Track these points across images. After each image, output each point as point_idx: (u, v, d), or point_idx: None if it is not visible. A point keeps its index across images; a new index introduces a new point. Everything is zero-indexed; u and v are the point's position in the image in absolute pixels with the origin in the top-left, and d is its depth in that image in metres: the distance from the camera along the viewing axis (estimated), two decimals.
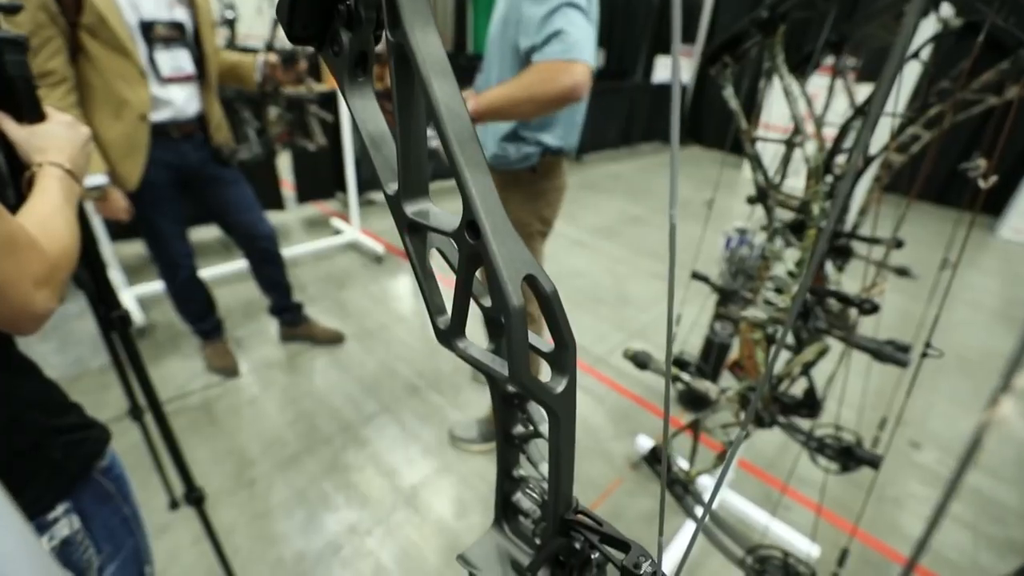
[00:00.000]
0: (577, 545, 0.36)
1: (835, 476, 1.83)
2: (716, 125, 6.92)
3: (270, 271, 2.14)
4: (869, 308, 0.72)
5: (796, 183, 0.90)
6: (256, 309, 2.59)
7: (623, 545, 0.33)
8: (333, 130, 3.28)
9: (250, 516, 1.59)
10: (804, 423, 1.21)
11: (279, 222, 3.59)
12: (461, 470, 1.80)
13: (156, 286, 2.53)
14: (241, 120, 2.41)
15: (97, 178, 1.55)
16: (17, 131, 0.62)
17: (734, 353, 1.55)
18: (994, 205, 4.60)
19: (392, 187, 0.29)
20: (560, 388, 0.29)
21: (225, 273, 2.79)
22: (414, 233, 0.30)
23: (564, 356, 0.28)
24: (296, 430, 1.91)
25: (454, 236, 0.27)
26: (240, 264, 2.81)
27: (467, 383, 2.21)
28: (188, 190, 1.85)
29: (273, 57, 1.82)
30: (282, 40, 1.93)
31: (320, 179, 3.77)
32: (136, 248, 3.00)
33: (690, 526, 1.59)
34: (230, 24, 2.21)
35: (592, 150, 6.13)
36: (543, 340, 0.30)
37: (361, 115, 0.29)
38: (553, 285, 0.26)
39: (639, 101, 6.42)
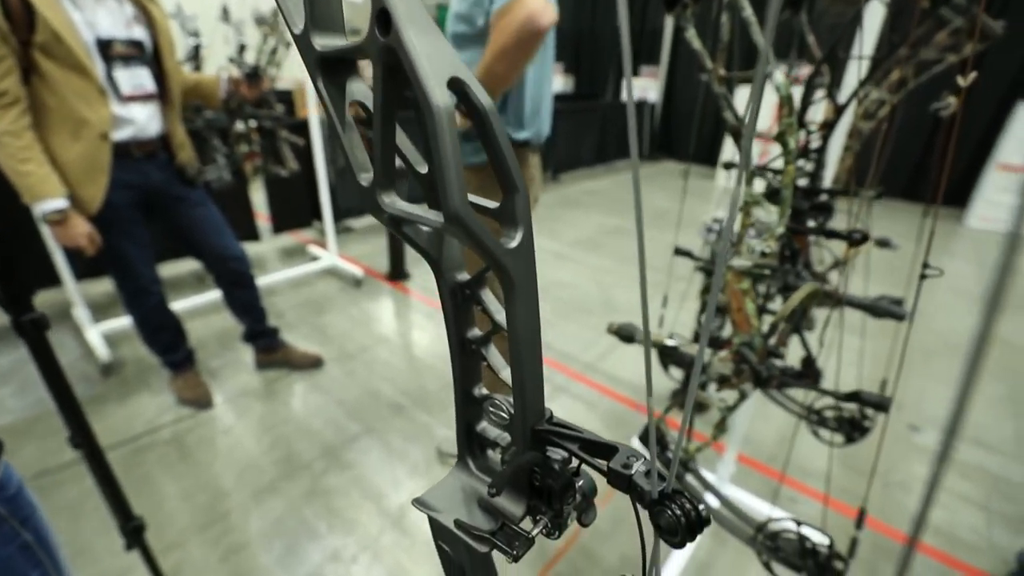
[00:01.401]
0: (556, 465, 0.30)
1: (838, 467, 1.77)
2: (685, 137, 7.11)
3: (242, 294, 2.06)
4: (859, 238, 0.69)
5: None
6: (230, 339, 2.50)
7: (608, 450, 0.28)
8: (306, 157, 3.26)
9: (224, 551, 1.47)
10: (804, 398, 1.17)
11: (254, 253, 3.52)
12: None
13: (124, 321, 2.43)
14: (210, 147, 2.38)
15: (56, 202, 1.49)
16: None
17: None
18: (959, 197, 4.74)
19: (299, 26, 0.25)
20: (514, 242, 0.24)
21: (198, 305, 2.70)
22: (327, 74, 0.25)
23: (514, 204, 0.24)
24: (273, 457, 1.80)
25: (365, 46, 0.22)
26: (213, 295, 2.73)
27: (453, 402, 2.13)
28: (153, 213, 1.79)
29: (236, 73, 1.80)
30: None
31: (295, 208, 3.72)
32: (103, 286, 2.90)
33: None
34: (195, 51, 2.20)
35: (568, 169, 6.22)
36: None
37: None
38: (490, 100, 0.22)
39: (611, 119, 6.57)
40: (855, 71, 0.86)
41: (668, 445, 1.02)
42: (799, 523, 0.84)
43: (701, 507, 0.24)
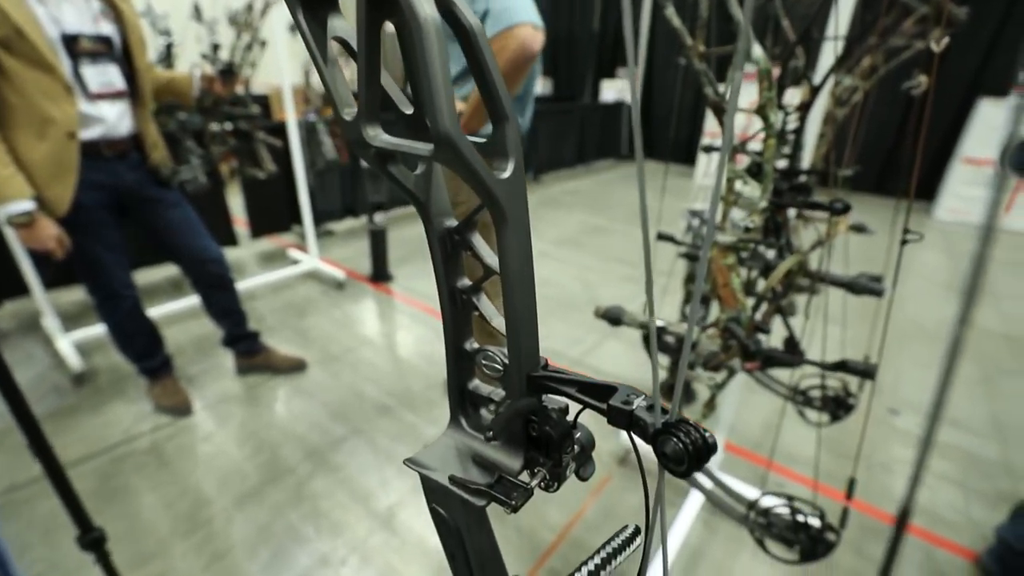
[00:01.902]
0: (553, 414, 0.30)
1: (823, 453, 1.80)
2: (663, 139, 7.22)
3: (221, 297, 2.01)
4: (840, 208, 0.70)
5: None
6: (209, 345, 2.44)
7: (606, 390, 0.27)
8: (284, 161, 3.21)
9: (207, 559, 1.43)
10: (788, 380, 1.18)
11: (233, 258, 3.44)
12: None
13: (97, 330, 2.35)
14: (184, 148, 2.33)
15: (22, 204, 1.43)
16: None
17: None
18: (927, 191, 4.90)
19: None
20: (506, 173, 0.23)
21: (175, 311, 2.63)
22: (308, 8, 0.25)
23: (504, 134, 0.23)
24: (257, 463, 1.76)
25: None
26: (190, 301, 2.66)
27: (440, 398, 2.11)
28: (127, 215, 1.74)
29: (210, 70, 1.76)
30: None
31: (274, 212, 3.66)
32: (73, 295, 2.81)
33: (694, 496, 1.52)
34: (167, 50, 2.15)
35: (549, 169, 6.25)
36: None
37: None
38: (476, 19, 0.21)
39: (590, 121, 6.63)
40: (829, 53, 0.88)
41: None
42: (790, 498, 0.85)
43: (707, 434, 0.24)
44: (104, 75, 1.51)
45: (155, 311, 2.45)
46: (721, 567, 1.43)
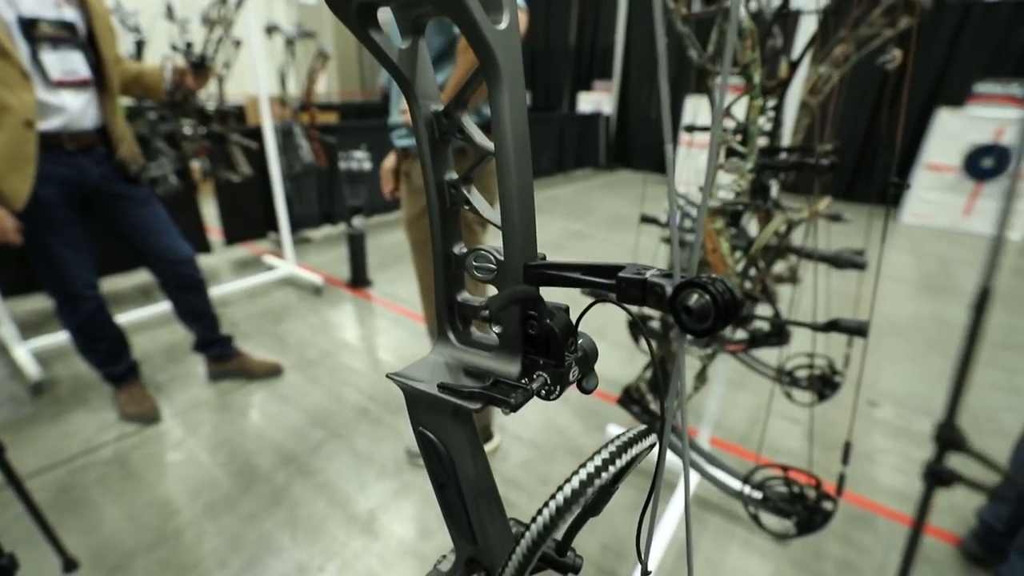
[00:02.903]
0: (554, 309, 0.27)
1: (808, 445, 1.81)
2: (640, 149, 7.35)
3: (191, 299, 1.94)
4: (826, 166, 0.70)
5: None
6: (180, 352, 2.34)
7: (613, 269, 0.25)
8: (260, 164, 3.15)
9: (175, 571, 1.34)
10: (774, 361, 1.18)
11: (206, 265, 3.33)
12: (423, 487, 1.63)
13: (57, 338, 2.24)
14: (154, 149, 2.25)
15: None
16: None
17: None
18: (892, 198, 5.08)
19: None
20: (503, 24, 0.21)
21: (143, 318, 2.52)
22: None
23: None
24: (229, 471, 1.68)
25: None
26: (159, 308, 2.56)
27: None
28: (92, 212, 1.66)
29: (180, 62, 1.71)
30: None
31: (249, 218, 3.58)
32: (32, 303, 2.67)
33: (682, 491, 1.50)
34: (137, 47, 2.09)
35: None
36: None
37: None
38: None
39: (568, 130, 6.71)
40: (807, 30, 0.90)
41: (650, 406, 1.00)
42: (785, 469, 0.83)
43: (731, 286, 0.21)
44: (67, 62, 1.45)
45: (123, 318, 2.34)
46: (711, 559, 1.41)
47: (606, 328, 2.70)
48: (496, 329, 0.30)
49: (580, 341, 0.29)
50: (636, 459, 0.27)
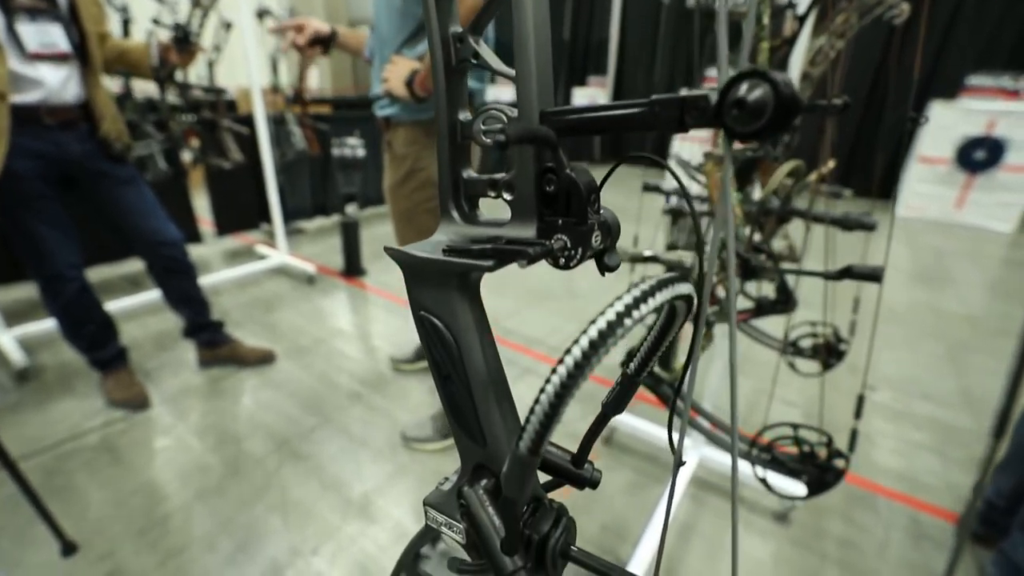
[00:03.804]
0: (575, 165, 0.25)
1: (820, 402, 1.79)
2: (636, 139, 7.34)
3: (179, 283, 1.89)
4: (839, 106, 0.68)
5: None
6: (169, 340, 2.30)
7: (645, 104, 0.23)
8: (252, 153, 3.10)
9: (163, 555, 1.30)
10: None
11: (196, 255, 3.29)
12: (418, 471, 1.60)
13: (43, 325, 2.19)
14: (143, 132, 2.21)
15: None
16: None
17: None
18: (886, 191, 5.12)
19: None
20: None
21: (132, 306, 2.48)
22: None
23: None
24: (220, 456, 1.64)
25: None
26: (148, 296, 2.52)
27: (415, 385, 2.03)
28: (75, 191, 1.62)
29: (164, 37, 1.67)
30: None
31: (241, 209, 3.53)
32: (18, 291, 2.62)
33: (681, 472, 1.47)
34: (124, 26, 2.05)
35: None
36: None
37: None
38: None
39: None
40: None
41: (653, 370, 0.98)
42: (796, 426, 0.81)
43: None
44: (45, 35, 1.40)
45: (111, 306, 2.29)
46: (712, 541, 1.39)
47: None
48: (507, 196, 0.27)
49: (603, 212, 0.26)
50: (671, 325, 0.24)
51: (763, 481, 0.83)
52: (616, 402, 0.30)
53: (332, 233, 3.85)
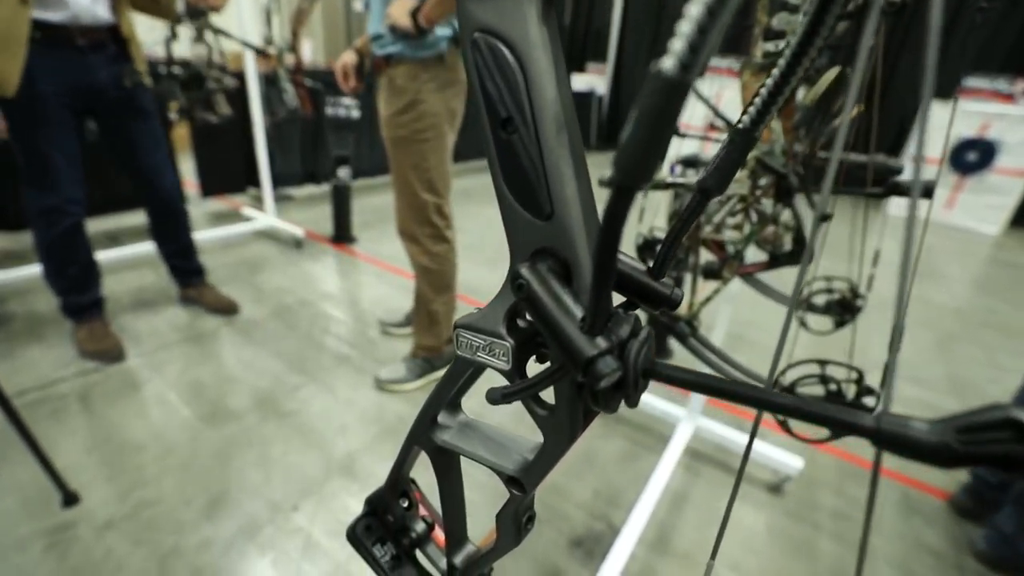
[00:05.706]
0: None
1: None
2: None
3: (172, 226, 1.87)
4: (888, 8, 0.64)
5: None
6: (149, 295, 2.21)
7: None
8: (242, 111, 2.98)
9: (134, 505, 1.24)
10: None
11: None
12: (406, 432, 1.55)
13: (15, 273, 2.08)
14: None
15: None
16: None
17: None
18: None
19: None
20: None
21: (111, 259, 2.37)
22: None
23: None
24: (199, 410, 1.57)
25: None
26: (130, 250, 2.42)
27: (405, 349, 1.97)
28: (93, 119, 1.57)
29: None
30: None
31: (228, 170, 3.41)
32: None
33: (674, 442, 1.44)
34: None
35: None
36: None
37: None
38: None
39: None
40: None
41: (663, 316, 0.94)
42: (823, 363, 0.78)
43: None
44: None
45: None
46: (707, 509, 1.36)
47: None
48: None
49: None
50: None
51: (783, 424, 0.79)
52: (719, 178, 0.24)
53: (322, 201, 3.75)
